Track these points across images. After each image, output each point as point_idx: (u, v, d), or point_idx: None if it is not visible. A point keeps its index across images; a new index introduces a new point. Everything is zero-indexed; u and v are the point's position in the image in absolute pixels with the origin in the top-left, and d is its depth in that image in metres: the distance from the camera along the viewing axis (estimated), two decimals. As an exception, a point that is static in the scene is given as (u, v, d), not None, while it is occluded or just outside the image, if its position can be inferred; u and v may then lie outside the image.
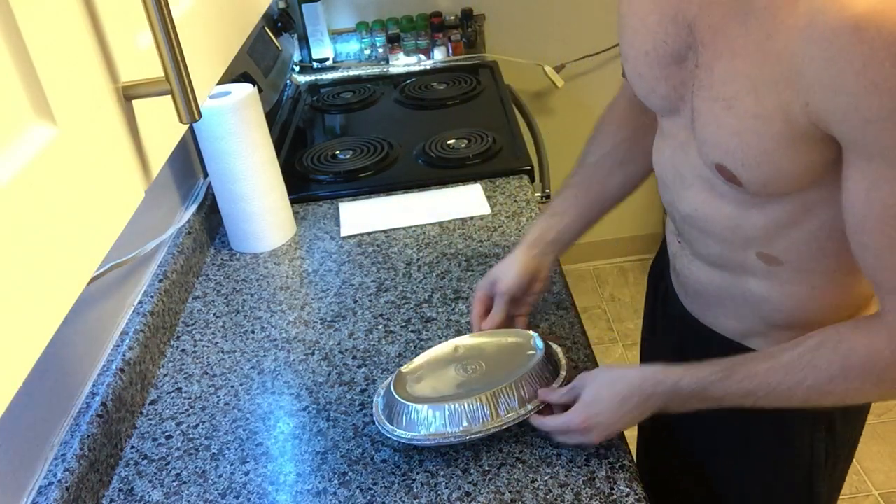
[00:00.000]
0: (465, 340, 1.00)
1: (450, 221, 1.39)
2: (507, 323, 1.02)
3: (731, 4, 0.69)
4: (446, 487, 0.87)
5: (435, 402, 0.88)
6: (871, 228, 0.66)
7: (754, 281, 0.84)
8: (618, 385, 0.81)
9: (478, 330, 1.01)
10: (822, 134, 0.65)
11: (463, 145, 1.64)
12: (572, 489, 0.85)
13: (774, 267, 0.80)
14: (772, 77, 0.65)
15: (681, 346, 0.99)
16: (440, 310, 1.16)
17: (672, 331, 1.03)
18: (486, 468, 0.89)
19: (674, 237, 0.95)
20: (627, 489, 0.84)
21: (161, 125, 0.49)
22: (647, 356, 1.12)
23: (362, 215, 1.45)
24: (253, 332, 1.18)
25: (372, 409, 0.98)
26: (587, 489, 0.84)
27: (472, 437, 0.87)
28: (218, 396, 1.06)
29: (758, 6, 0.66)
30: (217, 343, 1.17)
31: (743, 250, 0.82)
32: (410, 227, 1.40)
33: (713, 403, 0.77)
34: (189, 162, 1.48)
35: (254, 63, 1.74)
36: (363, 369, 1.07)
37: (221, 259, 1.39)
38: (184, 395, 1.07)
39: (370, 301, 1.21)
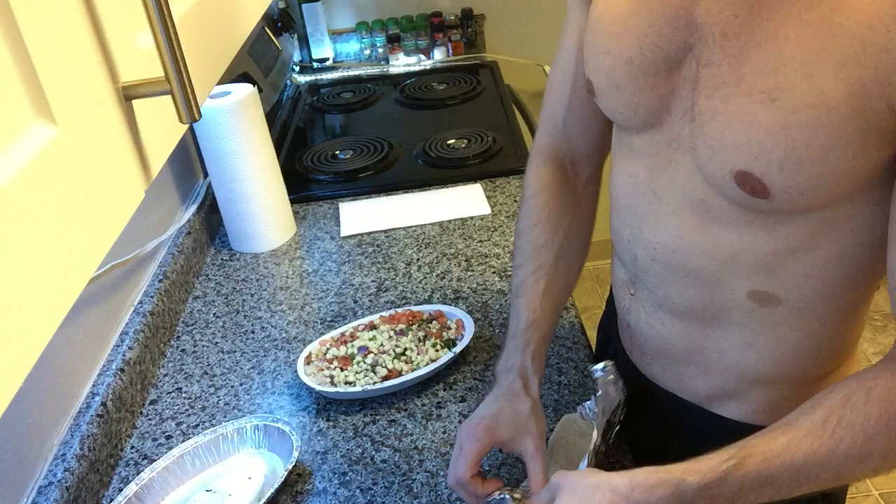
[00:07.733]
0: None
1: (450, 221, 1.39)
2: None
3: None
4: (446, 487, 0.87)
5: None
6: None
7: (737, 330, 0.73)
8: (597, 497, 0.62)
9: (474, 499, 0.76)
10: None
11: (463, 145, 1.64)
12: (572, 489, 0.85)
13: (769, 308, 0.70)
14: (840, 57, 0.55)
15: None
16: (440, 310, 1.16)
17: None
18: (486, 468, 0.88)
19: (625, 290, 0.83)
20: (627, 489, 0.84)
21: (161, 125, 0.49)
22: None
23: (362, 215, 1.45)
24: (253, 332, 1.18)
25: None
26: (587, 489, 0.84)
27: None
28: (218, 396, 1.06)
29: None
30: (217, 343, 1.17)
31: (731, 289, 0.71)
32: (410, 227, 1.40)
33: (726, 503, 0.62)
34: (189, 162, 1.48)
35: (254, 63, 1.74)
36: (363, 369, 1.07)
37: (221, 259, 1.39)
38: (184, 395, 1.07)
39: (370, 301, 1.21)
